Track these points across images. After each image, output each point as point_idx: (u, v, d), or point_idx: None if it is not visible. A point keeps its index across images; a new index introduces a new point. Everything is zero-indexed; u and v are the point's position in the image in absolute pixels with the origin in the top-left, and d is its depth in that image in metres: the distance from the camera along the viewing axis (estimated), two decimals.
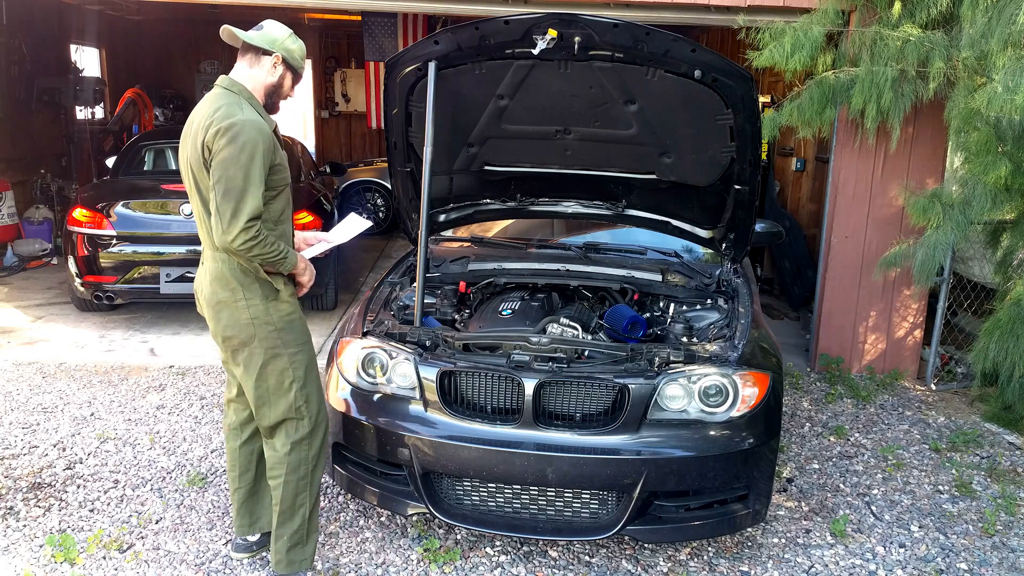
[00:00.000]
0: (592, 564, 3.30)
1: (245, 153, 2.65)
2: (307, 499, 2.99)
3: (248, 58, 2.88)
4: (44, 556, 3.23)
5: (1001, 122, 4.12)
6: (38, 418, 4.54)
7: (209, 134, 2.68)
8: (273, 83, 2.90)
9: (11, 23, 8.72)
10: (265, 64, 2.87)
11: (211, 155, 2.68)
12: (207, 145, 2.69)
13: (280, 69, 2.90)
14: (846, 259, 5.56)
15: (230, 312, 2.83)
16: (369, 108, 11.09)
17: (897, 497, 3.95)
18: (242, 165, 2.65)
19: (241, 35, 2.88)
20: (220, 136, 2.65)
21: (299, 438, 2.94)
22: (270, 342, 2.85)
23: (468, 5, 5.37)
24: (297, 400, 2.92)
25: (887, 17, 4.73)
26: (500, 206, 4.37)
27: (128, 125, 10.92)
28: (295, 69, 2.95)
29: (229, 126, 2.65)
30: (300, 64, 2.97)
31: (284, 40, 2.89)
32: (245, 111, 2.74)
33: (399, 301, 3.82)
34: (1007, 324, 4.21)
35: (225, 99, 2.78)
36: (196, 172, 2.77)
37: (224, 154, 2.65)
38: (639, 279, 3.96)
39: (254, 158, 2.66)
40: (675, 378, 3.05)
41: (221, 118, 2.68)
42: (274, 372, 2.88)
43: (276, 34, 2.89)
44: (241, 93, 2.82)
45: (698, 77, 3.33)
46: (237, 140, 2.65)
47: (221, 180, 2.65)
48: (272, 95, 2.92)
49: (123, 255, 5.97)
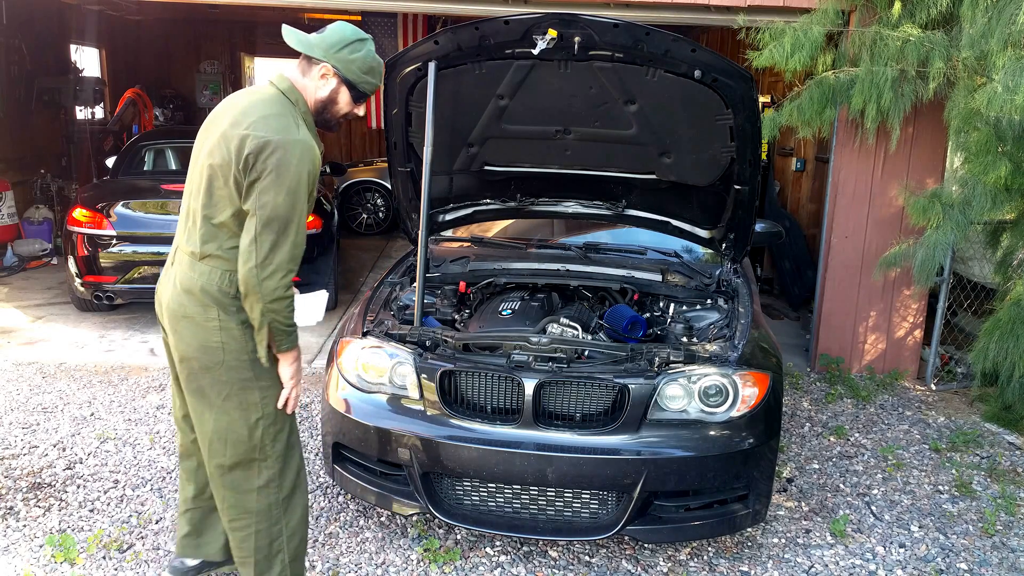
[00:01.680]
0: (592, 564, 3.30)
1: (298, 182, 2.31)
2: (284, 544, 2.65)
3: (302, 60, 2.49)
4: (44, 556, 3.23)
5: (1001, 122, 4.12)
6: (38, 418, 4.54)
7: (255, 144, 2.30)
8: (323, 99, 2.49)
9: (11, 23, 8.72)
10: (314, 74, 2.46)
11: (252, 171, 2.32)
12: (250, 156, 2.30)
13: (331, 82, 2.48)
14: (846, 259, 5.56)
15: (196, 331, 2.47)
16: (369, 108, 11.07)
17: (897, 497, 3.95)
18: (292, 192, 2.30)
19: (287, 35, 2.46)
20: (271, 154, 2.29)
21: (265, 482, 2.57)
22: (241, 372, 2.47)
23: (468, 5, 5.37)
24: (264, 439, 2.53)
25: (887, 17, 4.74)
26: (500, 206, 4.37)
27: (128, 125, 10.93)
28: (354, 85, 2.50)
29: (285, 146, 2.30)
30: (363, 80, 2.50)
31: (340, 48, 2.43)
32: (301, 130, 2.37)
33: (399, 301, 3.82)
34: (1007, 324, 4.21)
35: (279, 107, 2.40)
36: (217, 172, 2.39)
37: (273, 178, 2.29)
38: (639, 279, 3.96)
39: (300, 187, 2.33)
40: (675, 378, 3.05)
41: (276, 131, 2.31)
42: (240, 407, 2.49)
43: (332, 39, 2.44)
44: (298, 103, 2.45)
45: (698, 77, 3.33)
46: (290, 165, 2.30)
47: (266, 207, 2.30)
48: (323, 111, 2.52)
49: (123, 255, 5.97)
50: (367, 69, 2.50)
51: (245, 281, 2.35)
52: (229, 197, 2.40)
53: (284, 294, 2.36)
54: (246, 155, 2.31)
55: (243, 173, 2.33)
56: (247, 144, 2.31)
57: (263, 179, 2.31)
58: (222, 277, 2.45)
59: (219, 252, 2.46)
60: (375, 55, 2.52)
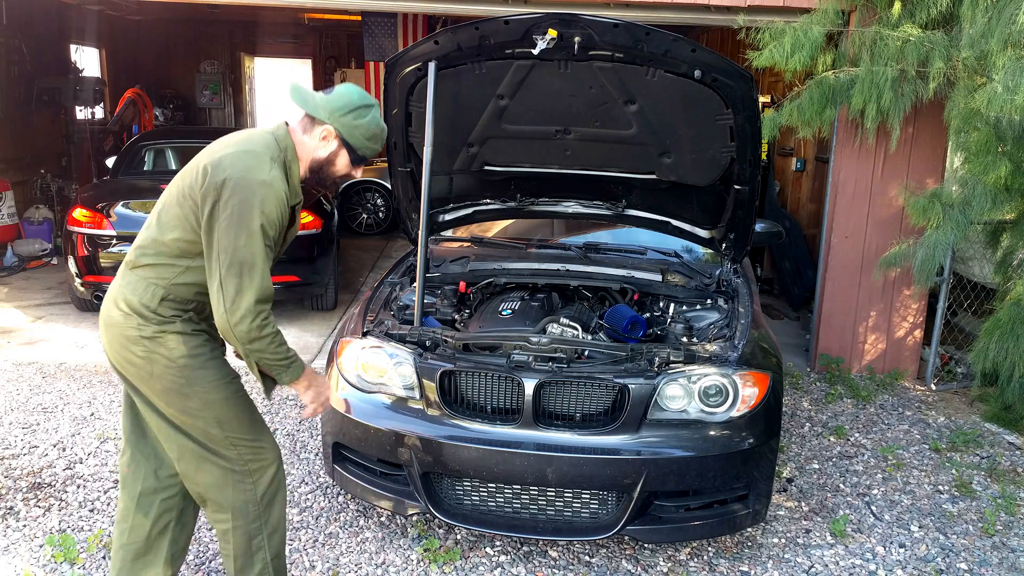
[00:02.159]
0: (592, 564, 3.30)
1: (259, 224, 2.24)
2: (264, 542, 2.58)
3: (305, 118, 2.44)
4: (44, 556, 3.23)
5: (1001, 122, 4.12)
6: (38, 418, 4.54)
7: (217, 180, 2.25)
8: (321, 159, 2.45)
9: (11, 23, 8.72)
10: (316, 134, 2.42)
11: (212, 206, 2.26)
12: (210, 189, 2.26)
13: (332, 144, 2.43)
14: (846, 259, 5.56)
15: (120, 339, 2.40)
16: None
17: (897, 497, 3.95)
18: (252, 234, 2.24)
19: (293, 93, 2.43)
20: (232, 194, 2.23)
21: (236, 480, 2.50)
22: (173, 381, 2.39)
23: (468, 5, 5.37)
24: (221, 441, 2.45)
25: (887, 17, 4.73)
26: (500, 206, 4.37)
27: (128, 125, 10.93)
28: (355, 150, 2.46)
29: (247, 186, 2.24)
30: (364, 145, 2.45)
31: (345, 113, 2.39)
32: (271, 172, 2.30)
33: (399, 301, 3.82)
34: (1007, 324, 4.21)
35: (260, 146, 2.35)
36: (178, 192, 2.37)
37: (234, 218, 2.23)
38: (639, 279, 3.96)
39: (262, 229, 2.25)
40: (675, 378, 3.05)
41: (241, 169, 2.26)
42: (184, 412, 2.43)
43: (337, 103, 2.39)
44: (286, 151, 2.40)
45: (698, 77, 3.33)
46: (252, 207, 2.23)
47: (227, 250, 2.24)
48: (320, 171, 2.47)
49: (123, 255, 5.95)
50: (370, 135, 2.46)
51: (220, 326, 2.32)
52: (181, 217, 2.36)
53: (259, 334, 2.30)
54: (205, 185, 2.27)
55: (201, 202, 2.29)
56: (209, 175, 2.28)
57: (222, 218, 2.25)
58: (146, 289, 2.39)
59: (151, 262, 2.41)
60: (380, 121, 2.48)
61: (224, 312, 2.27)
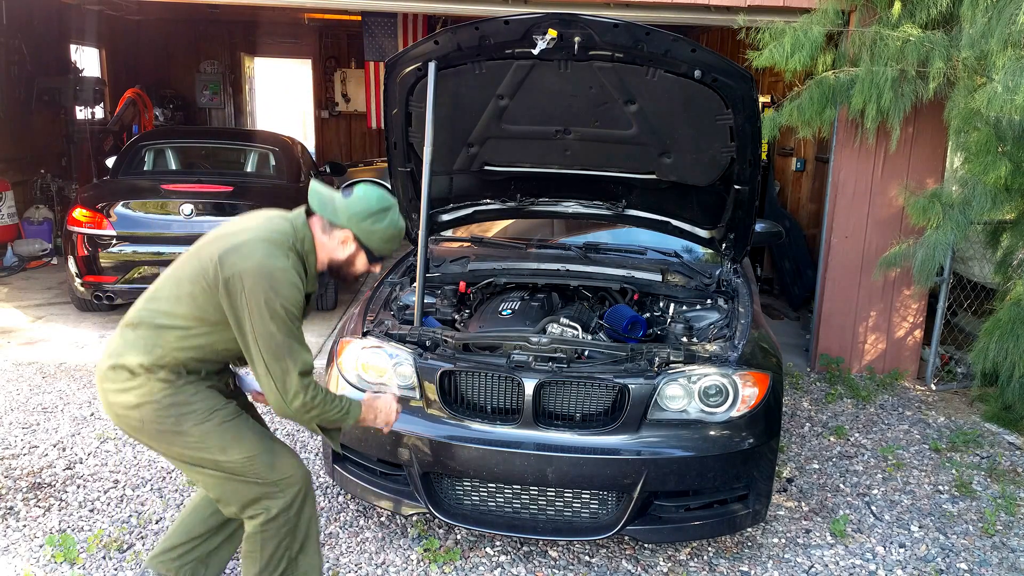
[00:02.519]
0: (592, 564, 3.30)
1: (284, 309, 2.31)
2: (294, 549, 2.61)
3: (323, 219, 2.48)
4: (44, 556, 3.23)
5: (1001, 122, 4.12)
6: (38, 418, 4.54)
7: (233, 271, 2.30)
8: (340, 260, 2.51)
9: (11, 23, 8.72)
10: (335, 236, 2.46)
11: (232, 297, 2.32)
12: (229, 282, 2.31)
13: (351, 247, 2.48)
14: (846, 259, 5.56)
15: (110, 393, 2.45)
16: (369, 108, 11.08)
17: (897, 497, 3.95)
18: (281, 319, 2.30)
19: (313, 196, 2.45)
20: (254, 286, 2.29)
21: (264, 492, 2.51)
22: (166, 424, 2.41)
23: (468, 5, 5.37)
24: (240, 467, 2.46)
25: (887, 17, 4.74)
26: (500, 206, 4.37)
27: (128, 125, 10.92)
28: (372, 251, 2.51)
29: (264, 274, 2.29)
30: (383, 248, 2.51)
31: (364, 219, 2.43)
32: (287, 260, 2.36)
33: (399, 301, 3.82)
34: (1007, 324, 4.21)
35: (278, 234, 2.39)
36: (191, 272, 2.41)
37: (259, 309, 2.29)
38: (639, 279, 3.96)
39: (288, 312, 2.31)
40: (675, 378, 3.05)
41: (257, 258, 2.31)
42: (188, 447, 2.44)
43: (356, 208, 2.43)
44: (303, 241, 2.44)
45: (698, 77, 3.33)
46: (272, 295, 2.29)
47: (263, 337, 2.31)
48: (339, 270, 2.53)
49: (123, 255, 5.98)
50: (388, 238, 2.50)
51: (279, 410, 2.40)
52: (194, 296, 2.40)
53: (312, 404, 2.38)
54: (223, 278, 2.32)
55: (223, 293, 2.34)
56: (226, 266, 2.32)
57: (249, 308, 2.31)
58: (144, 351, 2.41)
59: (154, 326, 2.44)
60: (397, 222, 2.51)
61: (279, 398, 2.35)
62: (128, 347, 2.43)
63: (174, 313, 2.42)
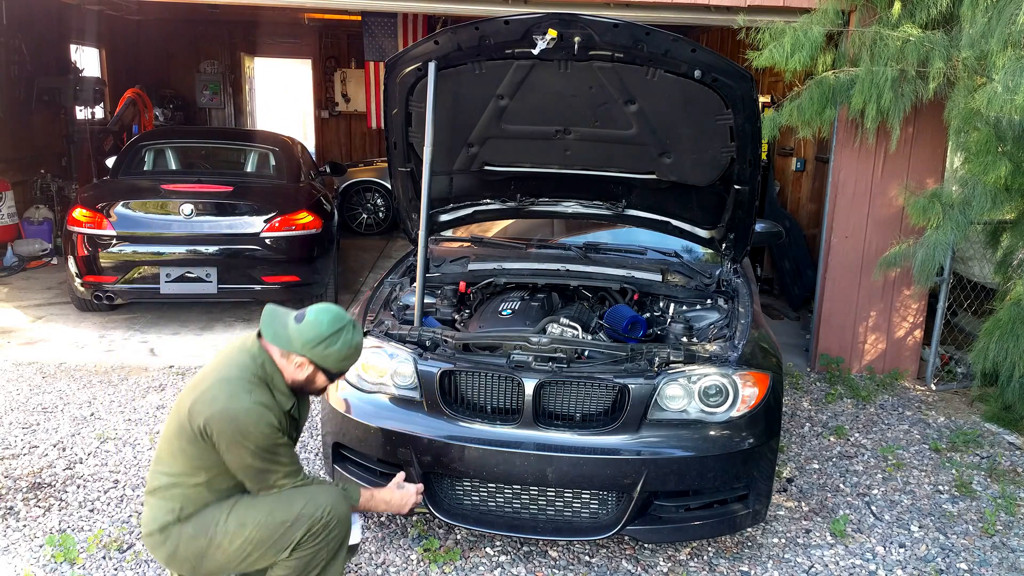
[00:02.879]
0: (592, 564, 3.30)
1: (257, 441, 2.43)
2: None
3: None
4: (44, 556, 3.23)
5: (1001, 122, 4.12)
6: (38, 418, 4.54)
7: (203, 420, 2.42)
8: (300, 380, 2.57)
9: (11, 23, 8.72)
10: (292, 360, 2.52)
11: (212, 441, 2.45)
12: (204, 429, 2.43)
13: (308, 369, 2.53)
14: (846, 259, 5.56)
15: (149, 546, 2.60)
16: (369, 108, 11.09)
17: (897, 497, 3.95)
18: (260, 449, 2.45)
19: (265, 324, 2.53)
20: (223, 430, 2.42)
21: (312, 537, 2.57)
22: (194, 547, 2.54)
23: (468, 5, 5.37)
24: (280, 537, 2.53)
25: (887, 17, 4.73)
26: (500, 206, 4.37)
27: (128, 125, 10.92)
28: (330, 372, 2.57)
29: (232, 417, 2.41)
30: (339, 367, 2.57)
31: (315, 345, 2.48)
32: (253, 394, 2.46)
33: (399, 301, 3.82)
34: (1007, 324, 4.21)
35: (238, 370, 2.49)
36: (177, 427, 2.52)
37: (236, 447, 2.44)
38: (639, 279, 3.96)
39: (264, 441, 2.44)
40: (675, 378, 3.05)
41: (223, 401, 2.42)
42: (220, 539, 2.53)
43: (308, 335, 2.48)
44: (263, 366, 2.52)
45: (698, 77, 3.33)
46: (245, 432, 2.41)
47: (247, 470, 2.49)
48: (300, 388, 2.60)
49: (123, 255, 5.97)
50: (343, 358, 2.56)
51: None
52: (180, 450, 2.51)
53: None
54: (198, 427, 2.44)
55: (199, 440, 2.46)
56: (194, 419, 2.44)
57: (225, 451, 2.45)
58: (167, 510, 2.54)
59: (167, 486, 2.56)
60: (352, 341, 2.55)
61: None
62: (155, 513, 2.56)
63: (177, 472, 2.54)
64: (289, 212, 6.21)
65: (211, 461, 2.51)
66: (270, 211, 6.15)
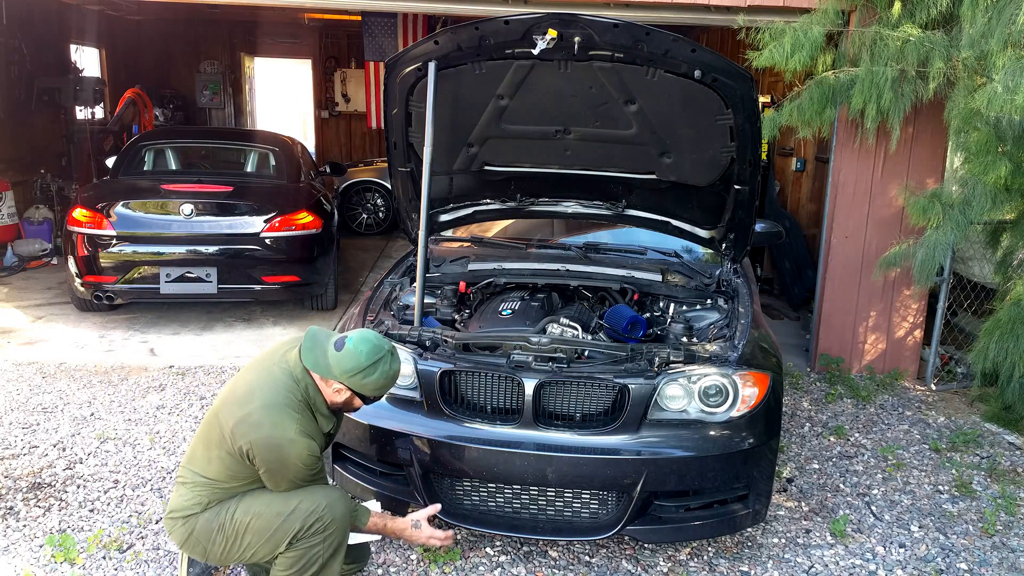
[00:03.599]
0: (592, 564, 3.30)
1: (295, 472, 2.56)
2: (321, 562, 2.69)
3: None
4: (44, 556, 3.23)
5: (1001, 122, 4.12)
6: (38, 418, 4.54)
7: (247, 444, 2.51)
8: (339, 403, 2.68)
9: (11, 23, 8.72)
10: (331, 386, 2.63)
11: (252, 462, 2.56)
12: (247, 452, 2.53)
13: (346, 395, 2.64)
14: (846, 259, 5.56)
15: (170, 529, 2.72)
16: (369, 108, 11.09)
17: (897, 497, 3.95)
18: (294, 479, 2.58)
19: (306, 354, 2.61)
20: (265, 458, 2.52)
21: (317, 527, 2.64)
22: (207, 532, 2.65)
23: (468, 5, 5.37)
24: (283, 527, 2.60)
25: (887, 17, 4.73)
26: (500, 206, 4.37)
27: (128, 125, 10.92)
28: (366, 398, 2.69)
29: (275, 448, 2.51)
30: (376, 395, 2.68)
31: (353, 374, 2.57)
32: (295, 425, 2.53)
33: (399, 301, 3.82)
34: (1007, 324, 4.21)
35: (284, 395, 2.57)
36: (218, 436, 2.60)
37: (273, 474, 2.57)
38: (639, 279, 3.96)
39: (299, 472, 2.56)
40: (675, 378, 3.05)
41: (268, 430, 2.50)
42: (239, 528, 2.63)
43: (347, 364, 2.56)
44: (307, 389, 2.61)
45: (698, 77, 3.33)
46: (284, 464, 2.53)
47: (276, 487, 2.62)
48: (339, 408, 2.72)
49: (123, 255, 5.97)
50: (379, 387, 2.64)
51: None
52: (220, 458, 2.61)
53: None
54: (239, 448, 2.53)
55: (239, 457, 2.56)
56: (239, 438, 2.53)
57: (269, 475, 2.58)
58: (200, 501, 2.65)
59: (199, 483, 2.66)
60: (389, 371, 2.63)
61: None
62: (183, 501, 2.67)
63: (211, 476, 2.64)
64: (289, 212, 6.21)
65: (247, 474, 2.61)
66: (270, 211, 6.15)
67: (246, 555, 2.66)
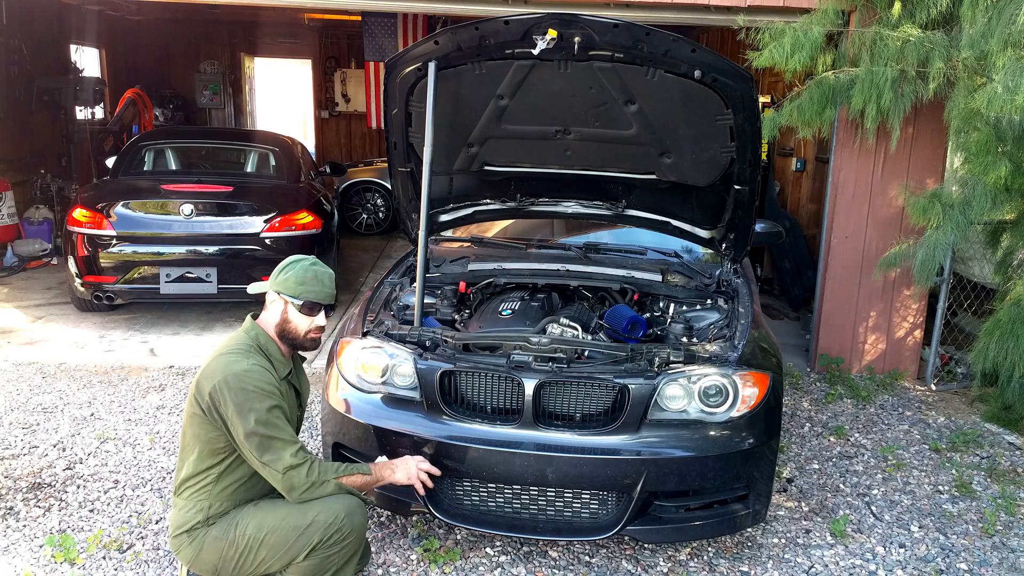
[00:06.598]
0: (592, 564, 3.30)
1: (253, 401, 2.56)
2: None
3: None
4: (44, 556, 3.23)
5: (1001, 122, 4.12)
6: (38, 418, 4.54)
7: (208, 392, 2.57)
8: (278, 321, 2.74)
9: (11, 23, 8.73)
10: (270, 303, 2.77)
11: (218, 414, 2.58)
12: (209, 402, 2.57)
13: (278, 304, 2.73)
14: (846, 259, 5.56)
15: (175, 547, 2.73)
16: (369, 108, 11.10)
17: (897, 497, 3.95)
18: (255, 411, 2.55)
19: (253, 290, 2.84)
20: (222, 395, 2.56)
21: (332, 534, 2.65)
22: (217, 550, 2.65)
23: (468, 5, 5.37)
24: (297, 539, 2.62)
25: (887, 17, 4.73)
26: (500, 206, 4.36)
27: (128, 125, 10.93)
28: (294, 298, 2.71)
29: (228, 380, 2.56)
30: (300, 291, 2.71)
31: (277, 275, 2.74)
32: (249, 359, 2.63)
33: (399, 301, 3.82)
34: (1007, 324, 4.21)
35: (234, 344, 2.70)
36: (191, 415, 2.67)
37: (235, 411, 2.55)
38: (639, 279, 3.96)
39: (259, 401, 2.56)
40: (675, 378, 3.05)
41: (221, 372, 2.59)
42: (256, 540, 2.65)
43: (274, 272, 2.76)
44: (257, 338, 2.72)
45: (698, 77, 3.33)
46: (242, 394, 2.55)
47: (249, 437, 2.55)
48: (284, 334, 2.75)
49: (123, 255, 5.98)
50: (301, 280, 2.72)
51: (289, 496, 2.64)
52: (194, 436, 2.66)
53: (316, 477, 2.62)
54: (207, 402, 2.59)
55: (209, 415, 2.60)
56: (202, 391, 2.60)
57: (230, 417, 2.57)
58: (193, 510, 2.66)
59: (191, 482, 2.69)
60: (309, 268, 2.75)
61: (283, 487, 2.61)
62: (183, 515, 2.68)
63: (195, 470, 2.66)
64: (289, 212, 6.22)
65: (224, 443, 2.63)
66: (270, 211, 6.15)
67: (259, 569, 2.67)
